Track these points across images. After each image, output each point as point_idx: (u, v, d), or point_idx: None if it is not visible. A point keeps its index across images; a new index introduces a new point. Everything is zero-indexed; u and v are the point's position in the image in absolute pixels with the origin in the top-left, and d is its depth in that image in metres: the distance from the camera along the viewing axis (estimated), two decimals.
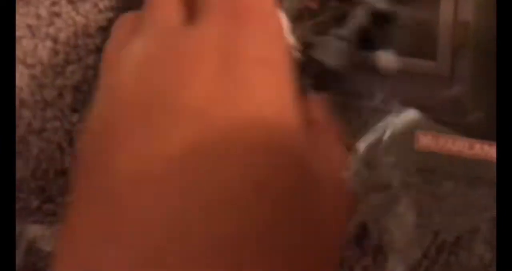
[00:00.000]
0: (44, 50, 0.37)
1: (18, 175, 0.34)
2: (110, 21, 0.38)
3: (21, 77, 0.36)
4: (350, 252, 0.31)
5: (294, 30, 0.29)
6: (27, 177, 0.33)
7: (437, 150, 0.32)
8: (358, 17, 0.33)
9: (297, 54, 0.29)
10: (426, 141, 0.32)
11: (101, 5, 0.38)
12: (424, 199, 0.32)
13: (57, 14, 0.38)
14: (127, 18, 0.28)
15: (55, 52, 0.37)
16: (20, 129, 0.34)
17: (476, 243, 0.31)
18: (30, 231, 0.31)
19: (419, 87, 0.34)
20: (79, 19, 0.38)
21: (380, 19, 0.33)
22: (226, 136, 0.20)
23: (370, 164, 0.32)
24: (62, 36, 0.37)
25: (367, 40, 0.33)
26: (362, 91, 0.33)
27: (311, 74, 0.32)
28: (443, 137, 0.32)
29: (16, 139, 0.34)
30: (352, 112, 0.33)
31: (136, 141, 0.20)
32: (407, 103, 0.33)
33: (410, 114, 0.33)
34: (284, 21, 0.28)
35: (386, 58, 0.33)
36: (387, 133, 0.32)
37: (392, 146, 0.33)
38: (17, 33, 0.37)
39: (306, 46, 0.31)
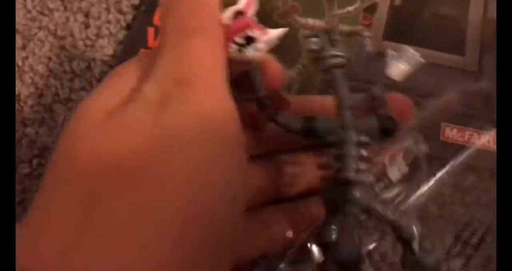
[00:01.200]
0: (75, 23, 0.37)
1: (42, 141, 0.33)
2: (142, 0, 0.38)
3: (51, 48, 0.36)
4: (368, 237, 0.31)
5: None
6: (50, 144, 0.33)
7: (462, 143, 0.32)
8: None
9: None
10: (452, 133, 0.32)
11: None
12: (447, 190, 0.32)
13: None
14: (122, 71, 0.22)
15: (86, 26, 0.37)
16: (47, 98, 0.34)
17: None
18: None
19: (448, 81, 0.34)
20: None
21: None
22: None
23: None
24: (94, 11, 0.37)
25: None
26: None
27: None
28: (469, 130, 0.32)
29: (42, 107, 0.34)
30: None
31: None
32: (436, 96, 0.33)
33: (438, 107, 0.33)
34: None
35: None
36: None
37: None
38: (50, 6, 0.37)
39: None
